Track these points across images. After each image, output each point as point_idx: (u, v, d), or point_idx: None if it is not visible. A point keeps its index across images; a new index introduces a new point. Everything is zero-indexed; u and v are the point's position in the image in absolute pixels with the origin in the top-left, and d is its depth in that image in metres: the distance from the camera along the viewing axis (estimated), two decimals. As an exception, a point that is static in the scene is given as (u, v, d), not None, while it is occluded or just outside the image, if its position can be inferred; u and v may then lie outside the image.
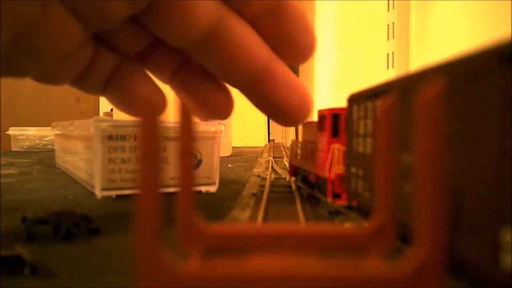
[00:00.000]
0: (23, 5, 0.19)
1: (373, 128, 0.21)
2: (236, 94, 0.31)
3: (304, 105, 0.29)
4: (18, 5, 0.19)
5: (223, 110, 0.31)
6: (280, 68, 0.27)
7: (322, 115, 0.30)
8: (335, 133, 0.28)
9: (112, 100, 0.30)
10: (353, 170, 0.24)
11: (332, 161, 0.28)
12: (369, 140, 0.21)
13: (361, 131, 0.22)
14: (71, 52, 0.24)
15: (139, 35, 0.26)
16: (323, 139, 0.29)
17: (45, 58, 0.22)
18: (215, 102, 0.31)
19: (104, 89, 0.29)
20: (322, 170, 0.29)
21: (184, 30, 0.23)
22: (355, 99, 0.24)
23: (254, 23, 0.25)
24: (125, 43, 0.27)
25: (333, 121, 0.29)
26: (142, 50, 0.28)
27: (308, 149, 0.33)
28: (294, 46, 0.26)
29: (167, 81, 0.31)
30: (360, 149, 0.22)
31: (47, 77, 0.25)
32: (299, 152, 0.37)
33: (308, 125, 0.36)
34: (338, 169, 0.27)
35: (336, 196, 0.27)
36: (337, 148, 0.28)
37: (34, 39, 0.21)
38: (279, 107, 0.28)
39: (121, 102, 0.30)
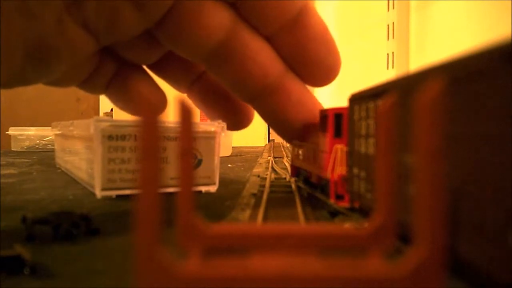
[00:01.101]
0: (37, 22, 0.19)
1: (375, 128, 0.21)
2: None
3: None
4: (31, 22, 0.19)
5: (241, 121, 0.31)
6: (294, 85, 0.26)
7: (324, 115, 0.29)
8: (337, 133, 0.28)
9: (112, 99, 0.30)
10: (355, 171, 0.23)
11: (334, 162, 0.27)
12: (371, 141, 0.21)
13: (363, 131, 0.22)
14: (81, 62, 0.24)
15: (152, 47, 0.26)
16: (325, 140, 0.29)
17: (57, 71, 0.22)
18: (233, 113, 0.31)
19: (105, 89, 0.29)
20: (325, 171, 0.28)
21: (196, 43, 0.23)
22: (356, 99, 0.24)
23: (271, 39, 0.25)
24: (138, 55, 0.27)
25: (336, 121, 0.28)
26: (157, 62, 0.29)
27: (310, 150, 0.33)
28: (313, 65, 0.26)
29: (185, 91, 0.31)
30: (362, 149, 0.22)
31: (55, 83, 0.25)
32: (300, 153, 0.37)
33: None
34: (341, 170, 0.27)
35: (338, 197, 0.27)
36: (340, 148, 0.27)
37: (47, 53, 0.21)
38: (287, 123, 0.28)
39: (121, 101, 0.30)
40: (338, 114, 0.28)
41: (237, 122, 0.31)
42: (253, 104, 0.27)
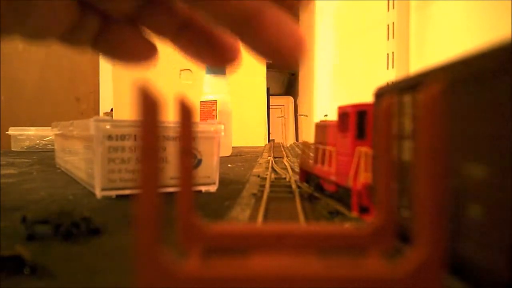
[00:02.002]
0: None
1: (413, 128, 0.17)
2: (235, 94, 0.31)
3: (297, 49, 0.28)
4: None
5: (229, 58, 0.31)
6: (273, 10, 0.27)
7: (344, 112, 0.25)
8: (360, 134, 0.24)
9: (101, 53, 0.30)
10: None
11: (358, 168, 0.23)
12: (406, 143, 0.17)
13: (395, 131, 0.19)
14: (57, 8, 0.24)
15: None
16: (345, 141, 0.25)
17: (31, 13, 0.22)
18: (220, 52, 0.31)
19: (92, 45, 0.29)
20: (344, 178, 0.25)
21: None
22: (385, 93, 0.20)
23: None
24: (114, 6, 0.27)
25: (358, 119, 0.24)
26: (138, 12, 0.29)
27: (325, 153, 0.28)
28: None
29: (171, 41, 0.31)
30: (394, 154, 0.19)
31: (33, 34, 0.25)
32: (312, 155, 0.32)
33: (322, 124, 0.31)
34: (366, 177, 0.23)
35: (363, 210, 0.23)
36: (364, 152, 0.23)
37: None
38: (270, 48, 0.28)
39: (110, 56, 0.30)
40: (361, 111, 0.24)
41: (225, 59, 0.31)
42: (235, 31, 0.27)
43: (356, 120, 0.24)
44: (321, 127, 0.31)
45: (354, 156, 0.23)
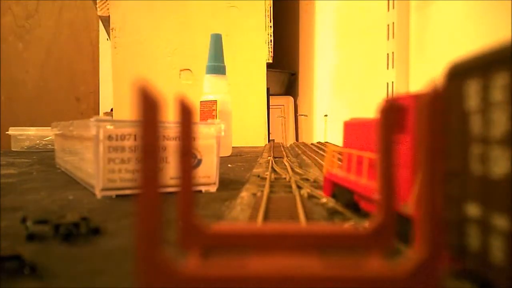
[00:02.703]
0: None
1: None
2: (235, 94, 0.31)
3: None
4: None
5: None
6: None
7: (395, 105, 0.15)
8: None
9: None
10: (469, 209, 0.12)
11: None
12: (498, 150, 0.11)
13: (491, 132, 0.11)
14: None
15: None
16: (399, 147, 0.17)
17: None
18: None
19: None
20: (397, 200, 0.15)
21: None
22: (468, 71, 0.12)
23: None
24: None
25: None
26: None
27: (362, 161, 0.22)
28: None
29: None
30: (485, 168, 0.12)
31: None
32: (345, 162, 0.25)
33: (356, 122, 0.24)
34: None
35: None
36: None
37: None
38: None
39: None
40: None
41: None
42: None
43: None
44: (355, 126, 0.24)
45: (415, 168, 0.16)
